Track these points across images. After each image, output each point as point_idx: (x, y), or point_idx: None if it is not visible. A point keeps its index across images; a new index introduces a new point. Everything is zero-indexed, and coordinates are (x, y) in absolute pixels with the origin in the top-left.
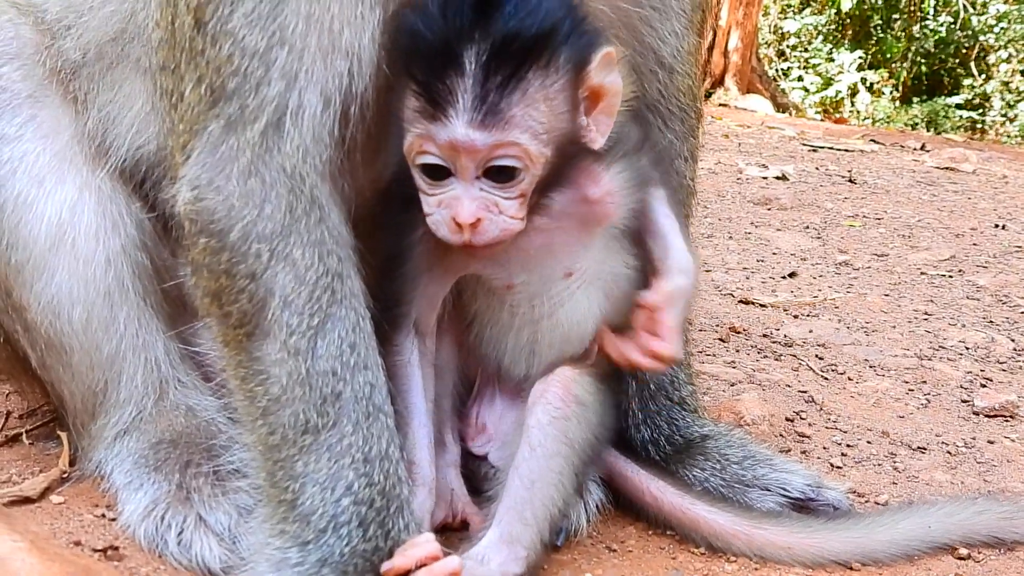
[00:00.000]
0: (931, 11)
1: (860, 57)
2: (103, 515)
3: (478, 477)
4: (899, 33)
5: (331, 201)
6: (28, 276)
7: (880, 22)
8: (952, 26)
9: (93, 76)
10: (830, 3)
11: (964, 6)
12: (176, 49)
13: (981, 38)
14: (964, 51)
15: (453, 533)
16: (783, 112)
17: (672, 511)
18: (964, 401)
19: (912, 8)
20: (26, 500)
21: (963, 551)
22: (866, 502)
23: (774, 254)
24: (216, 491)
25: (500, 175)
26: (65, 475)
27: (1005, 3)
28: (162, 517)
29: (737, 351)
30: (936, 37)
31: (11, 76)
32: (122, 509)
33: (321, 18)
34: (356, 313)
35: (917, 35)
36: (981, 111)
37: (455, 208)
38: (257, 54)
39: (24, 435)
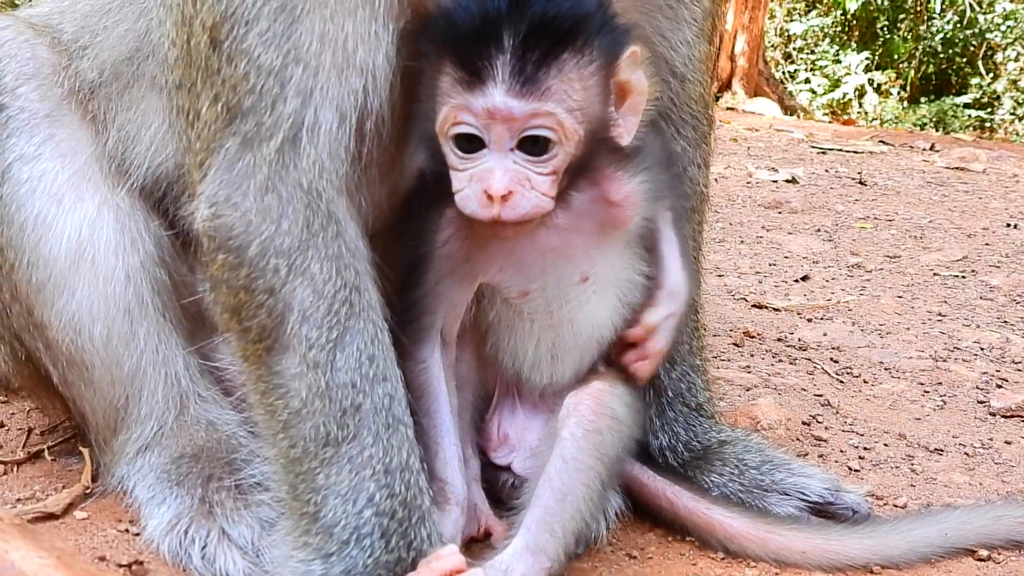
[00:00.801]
0: (937, 10)
1: (867, 58)
2: (127, 530)
3: (496, 487)
4: (906, 33)
5: (348, 215)
6: (49, 294)
7: (886, 23)
8: (959, 25)
9: (111, 96)
10: (836, 4)
11: (970, 5)
12: (192, 68)
13: (988, 36)
14: (971, 50)
15: (474, 543)
16: (791, 115)
17: (688, 515)
18: (980, 402)
19: (918, 8)
20: (50, 516)
21: (983, 552)
22: (884, 505)
23: (786, 258)
24: (238, 505)
25: (535, 147)
26: (88, 491)
27: (1012, 1)
28: (185, 531)
29: (752, 355)
30: (943, 36)
31: (29, 96)
32: (145, 524)
33: (335, 36)
34: (374, 325)
35: (924, 35)
36: (989, 110)
37: (487, 180)
38: (272, 72)
39: (46, 451)
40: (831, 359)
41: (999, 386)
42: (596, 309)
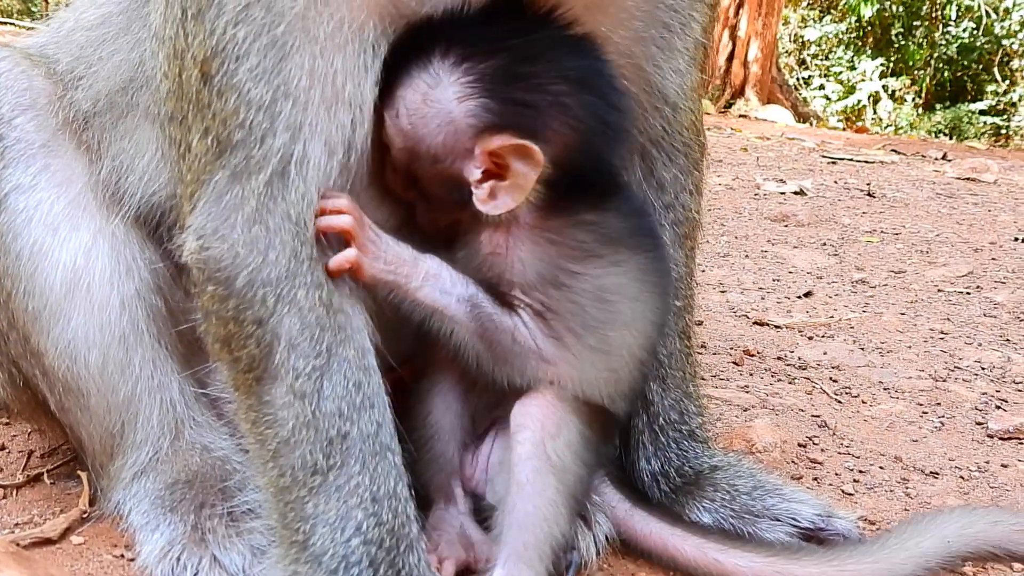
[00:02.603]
0: (953, 17)
1: (881, 64)
2: (122, 555)
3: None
4: (921, 40)
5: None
6: (45, 322)
7: (901, 29)
8: (975, 32)
9: (105, 126)
10: (851, 11)
11: (986, 12)
12: (184, 101)
13: (1004, 43)
14: (987, 57)
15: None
16: (804, 122)
17: (680, 556)
18: (979, 423)
19: (934, 15)
20: (47, 541)
21: (968, 570)
22: (877, 530)
23: (790, 272)
24: (230, 531)
25: None
26: (85, 515)
27: None
28: (178, 558)
29: (751, 375)
30: (958, 43)
31: (25, 127)
32: (139, 550)
33: (324, 72)
34: (360, 350)
35: (939, 42)
36: (1005, 117)
37: None
38: (262, 107)
39: (45, 475)
40: (830, 378)
41: (998, 407)
42: None
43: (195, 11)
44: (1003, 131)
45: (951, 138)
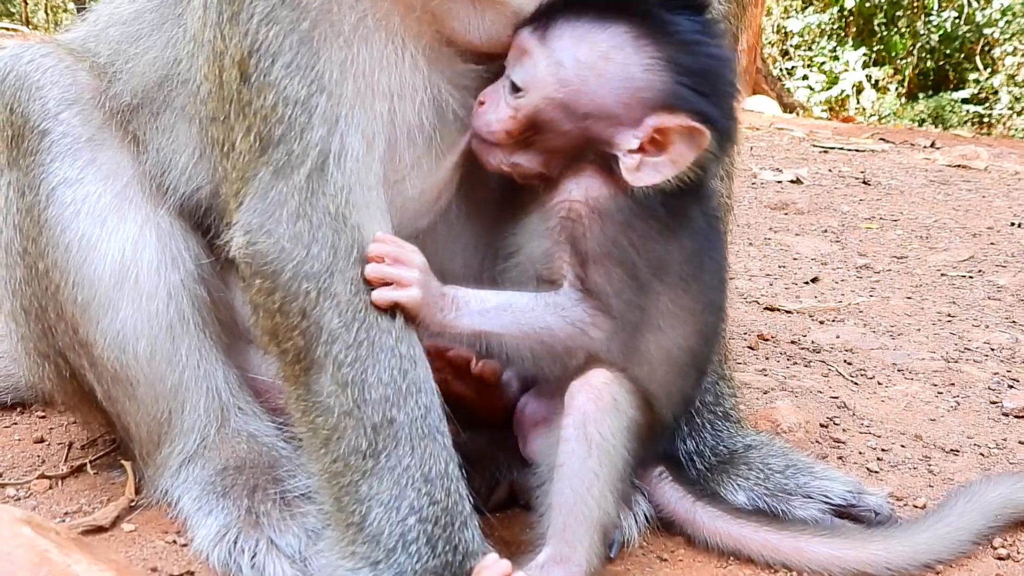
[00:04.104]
0: (935, 6)
1: (864, 54)
2: (174, 541)
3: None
4: (903, 29)
5: (374, 235)
6: (94, 313)
7: (884, 19)
8: (956, 21)
9: (145, 119)
10: (833, 1)
11: (968, 1)
12: (225, 101)
13: (986, 32)
14: (969, 46)
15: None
16: (790, 112)
17: (716, 535)
18: (993, 402)
19: (916, 4)
20: (99, 529)
21: (1002, 551)
22: (904, 506)
23: (795, 259)
24: (284, 515)
25: (514, 84)
26: (133, 503)
27: None
28: (234, 541)
29: (767, 358)
30: (940, 32)
31: (71, 121)
32: (194, 535)
33: (355, 64)
34: (407, 340)
35: (921, 31)
36: (987, 105)
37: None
38: (299, 102)
39: (88, 465)
40: (845, 361)
41: (1011, 386)
42: None
43: (230, 14)
44: (985, 119)
45: (935, 126)
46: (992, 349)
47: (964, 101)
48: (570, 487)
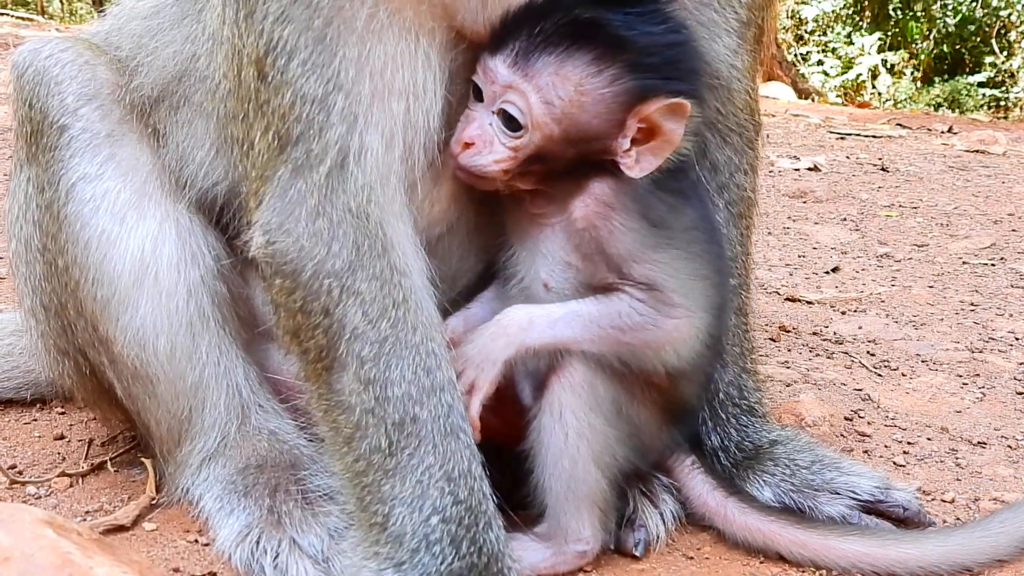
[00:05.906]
0: None
1: (880, 39)
2: (196, 540)
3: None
4: (919, 13)
5: (398, 234)
6: (114, 310)
7: (899, 3)
8: (972, 4)
9: (164, 113)
10: None
11: None
12: (244, 100)
13: (1002, 15)
14: (985, 29)
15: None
16: (805, 98)
17: (744, 532)
18: (1019, 393)
19: None
20: (120, 528)
21: None
22: (932, 500)
23: (815, 248)
24: (306, 514)
25: (509, 122)
26: (153, 501)
27: None
28: (257, 542)
29: (789, 350)
30: (957, 16)
31: (90, 117)
32: (216, 535)
33: (370, 61)
34: (429, 338)
35: (937, 15)
36: (1004, 88)
37: (463, 125)
38: (316, 100)
39: (108, 463)
40: (868, 352)
41: None
42: None
43: (246, 13)
44: (1002, 103)
45: (952, 111)
46: (1017, 338)
47: (980, 85)
48: (554, 471)
